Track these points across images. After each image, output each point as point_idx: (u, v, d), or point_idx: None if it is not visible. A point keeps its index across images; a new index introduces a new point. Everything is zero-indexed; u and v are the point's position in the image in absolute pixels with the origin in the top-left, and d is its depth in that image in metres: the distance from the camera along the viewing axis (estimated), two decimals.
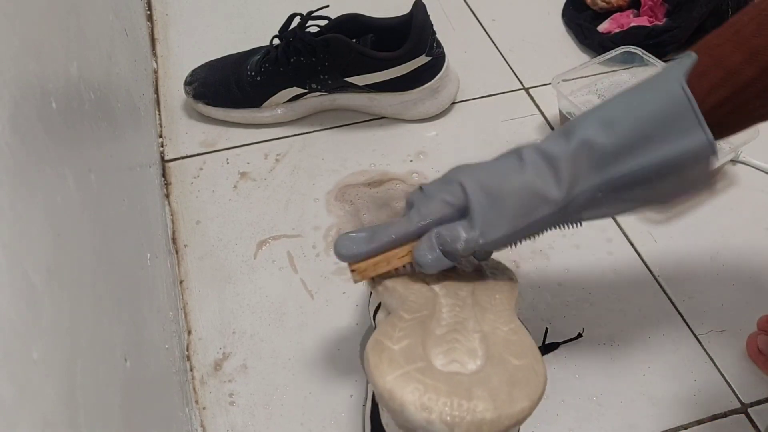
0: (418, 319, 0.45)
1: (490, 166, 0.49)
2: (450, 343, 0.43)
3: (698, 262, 0.70)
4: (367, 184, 0.77)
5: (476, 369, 0.41)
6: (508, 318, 0.47)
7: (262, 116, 0.82)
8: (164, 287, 0.62)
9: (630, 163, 0.44)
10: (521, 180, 0.46)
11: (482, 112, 0.85)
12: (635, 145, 0.44)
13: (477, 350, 0.43)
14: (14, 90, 0.35)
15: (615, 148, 0.44)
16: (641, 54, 0.83)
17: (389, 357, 0.41)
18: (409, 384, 0.39)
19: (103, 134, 0.54)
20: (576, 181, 0.45)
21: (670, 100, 0.44)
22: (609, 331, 0.64)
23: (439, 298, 0.48)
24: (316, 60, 0.77)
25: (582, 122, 0.46)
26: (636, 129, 0.44)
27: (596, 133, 0.45)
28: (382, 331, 0.44)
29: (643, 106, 0.45)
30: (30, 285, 0.31)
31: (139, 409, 0.44)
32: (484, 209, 0.46)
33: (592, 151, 0.45)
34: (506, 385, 0.40)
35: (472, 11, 1.00)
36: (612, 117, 0.45)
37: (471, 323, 0.45)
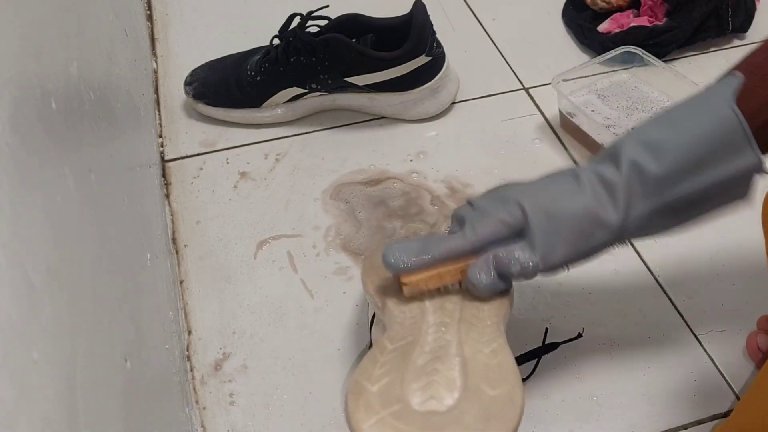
0: (401, 349, 0.46)
1: (546, 186, 0.48)
2: (429, 376, 0.44)
3: (698, 262, 0.70)
4: (364, 182, 0.77)
5: (452, 404, 0.42)
6: (492, 335, 0.47)
7: (262, 116, 0.82)
8: (164, 287, 0.62)
9: (682, 187, 0.45)
10: (582, 204, 0.45)
11: (482, 112, 0.85)
12: (687, 170, 0.44)
13: (455, 381, 0.44)
14: (14, 90, 0.35)
15: (667, 174, 0.44)
16: (641, 54, 0.83)
17: (366, 402, 0.42)
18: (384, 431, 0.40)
19: (103, 134, 0.54)
20: (631, 205, 0.45)
21: (720, 123, 0.44)
22: (609, 331, 0.64)
23: (427, 315, 0.49)
24: (316, 60, 0.77)
25: (629, 146, 0.46)
26: (687, 154, 0.44)
27: (646, 159, 0.45)
28: (362, 370, 0.45)
29: (693, 130, 0.45)
30: (30, 285, 0.31)
31: (139, 410, 0.44)
32: (545, 233, 0.46)
33: (643, 178, 0.45)
34: (480, 421, 0.41)
35: (472, 11, 1.00)
36: (660, 141, 0.45)
37: (453, 347, 0.46)
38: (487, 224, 0.47)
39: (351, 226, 0.73)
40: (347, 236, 0.72)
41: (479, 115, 0.85)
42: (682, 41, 0.89)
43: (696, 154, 0.44)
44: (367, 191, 0.76)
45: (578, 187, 0.46)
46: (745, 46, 0.93)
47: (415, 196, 0.76)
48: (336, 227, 0.72)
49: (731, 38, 0.94)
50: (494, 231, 0.47)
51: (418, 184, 0.77)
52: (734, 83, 0.45)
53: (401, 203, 0.75)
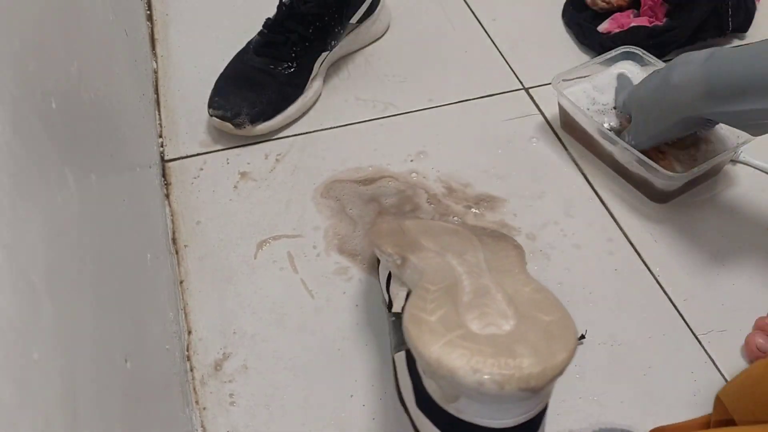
0: (444, 289, 0.46)
1: None
2: (480, 308, 0.44)
3: (698, 262, 0.70)
4: (357, 181, 0.77)
5: (511, 329, 0.43)
6: (526, 279, 0.48)
7: (310, 98, 0.84)
8: (164, 287, 0.62)
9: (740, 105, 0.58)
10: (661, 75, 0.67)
11: (482, 112, 0.85)
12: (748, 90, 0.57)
13: (507, 311, 0.44)
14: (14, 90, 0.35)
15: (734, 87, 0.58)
16: (641, 54, 0.83)
17: (429, 328, 0.42)
18: (455, 350, 0.40)
19: (103, 134, 0.54)
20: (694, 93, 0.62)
21: None
22: (609, 331, 0.64)
23: (454, 266, 0.49)
24: (329, 17, 0.81)
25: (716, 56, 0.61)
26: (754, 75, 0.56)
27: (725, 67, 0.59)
28: (414, 304, 0.45)
29: None
30: (30, 285, 0.31)
31: (140, 410, 0.44)
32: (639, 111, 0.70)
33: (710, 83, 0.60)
34: (543, 339, 0.42)
35: (472, 11, 1.00)
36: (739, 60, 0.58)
37: (493, 288, 0.47)
38: None
39: (347, 225, 0.73)
40: (344, 236, 0.72)
41: (479, 115, 0.85)
42: (682, 41, 0.89)
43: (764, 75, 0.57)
44: (360, 189, 0.76)
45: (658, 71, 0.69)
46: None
47: (411, 194, 0.76)
48: (333, 227, 0.72)
49: (731, 38, 0.94)
50: None
51: (415, 183, 0.77)
52: None
53: (394, 201, 0.75)
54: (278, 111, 0.81)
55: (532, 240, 0.71)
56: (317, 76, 0.85)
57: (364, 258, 0.70)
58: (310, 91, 0.84)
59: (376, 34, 0.94)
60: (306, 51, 0.82)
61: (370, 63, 0.92)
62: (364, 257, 0.70)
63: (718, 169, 0.77)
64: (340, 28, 0.85)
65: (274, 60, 0.81)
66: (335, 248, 0.71)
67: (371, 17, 0.91)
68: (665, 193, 0.73)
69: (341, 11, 0.83)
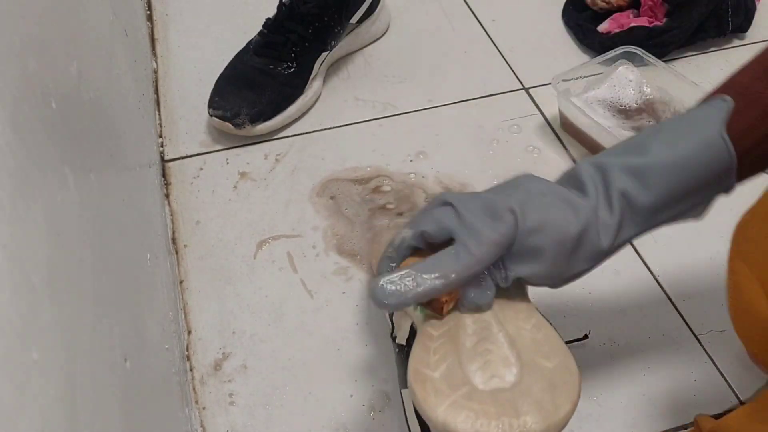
0: (447, 335, 0.46)
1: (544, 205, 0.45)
2: (483, 356, 0.44)
3: (698, 262, 0.70)
4: (354, 180, 0.77)
5: (515, 380, 0.43)
6: (528, 312, 0.47)
7: (310, 98, 0.84)
8: (164, 287, 0.62)
9: (669, 213, 0.45)
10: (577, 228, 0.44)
11: (482, 112, 0.85)
12: (675, 199, 0.44)
13: (509, 358, 0.44)
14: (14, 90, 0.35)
15: (656, 204, 0.44)
16: (641, 54, 0.83)
17: (433, 388, 0.42)
18: (461, 412, 0.41)
19: (103, 134, 0.54)
20: (621, 230, 0.45)
21: (712, 149, 0.43)
22: (609, 331, 0.64)
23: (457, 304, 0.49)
24: (328, 17, 0.81)
25: (617, 171, 0.44)
26: (676, 184, 0.44)
27: (635, 187, 0.44)
28: (418, 359, 0.44)
29: (684, 156, 0.44)
30: (30, 285, 0.31)
31: (139, 410, 0.44)
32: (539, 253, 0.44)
33: (633, 206, 0.44)
34: (548, 392, 0.42)
35: (472, 11, 1.00)
36: (650, 169, 0.44)
37: (494, 326, 0.45)
38: (486, 247, 0.43)
39: (344, 225, 0.72)
40: (343, 236, 0.72)
41: (479, 115, 0.85)
42: (682, 41, 0.89)
43: (685, 182, 0.44)
44: (355, 188, 0.76)
45: (574, 212, 0.44)
46: (745, 46, 0.93)
47: (408, 193, 0.76)
48: (332, 227, 0.72)
49: (731, 38, 0.94)
50: (492, 254, 0.43)
51: (413, 183, 0.77)
52: (724, 108, 0.44)
53: (389, 200, 0.75)
54: (278, 111, 0.81)
55: None
56: (317, 76, 0.85)
57: (363, 258, 0.70)
58: (310, 91, 0.84)
59: (376, 34, 0.94)
60: (306, 51, 0.82)
61: (369, 63, 0.92)
62: (362, 257, 0.70)
63: None
64: (339, 29, 0.85)
65: (274, 60, 0.81)
66: (334, 248, 0.71)
67: (371, 17, 0.91)
68: None
69: (341, 11, 0.83)
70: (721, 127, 0.43)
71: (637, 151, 0.45)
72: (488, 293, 0.45)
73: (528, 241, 0.43)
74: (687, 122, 0.45)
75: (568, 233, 0.43)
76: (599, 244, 0.44)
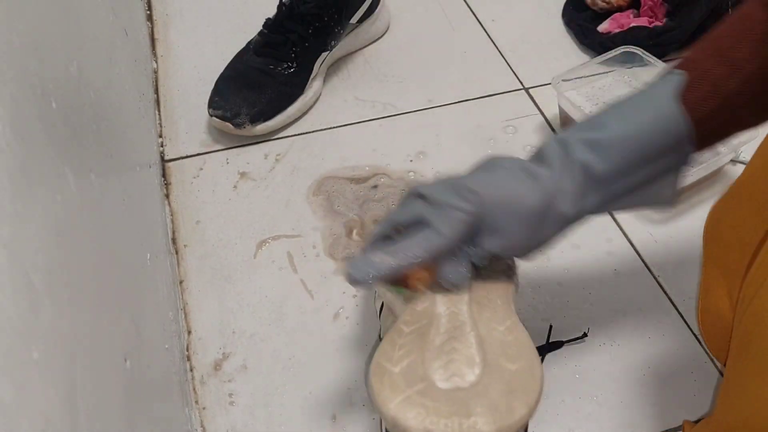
0: (417, 331, 0.46)
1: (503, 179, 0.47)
2: (449, 354, 0.44)
3: (698, 262, 0.70)
4: (351, 179, 0.77)
5: (475, 380, 0.43)
6: (505, 314, 0.48)
7: (310, 98, 0.84)
8: (164, 287, 0.62)
9: (629, 180, 0.47)
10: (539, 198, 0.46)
11: (482, 112, 0.85)
12: (633, 167, 0.47)
13: (475, 357, 0.44)
14: (14, 90, 0.35)
15: (614, 172, 0.46)
16: (641, 54, 0.83)
17: (390, 382, 0.43)
18: (412, 409, 0.41)
19: (103, 134, 0.54)
20: (584, 198, 0.47)
21: (664, 119, 0.46)
22: (609, 331, 0.64)
23: (437, 301, 0.49)
24: (328, 17, 0.81)
25: (577, 144, 0.47)
26: (632, 152, 0.46)
27: (593, 158, 0.46)
28: (383, 352, 0.45)
29: (638, 128, 0.46)
30: (30, 285, 0.31)
31: (139, 410, 0.44)
32: (505, 224, 0.46)
33: (592, 175, 0.46)
34: (504, 395, 0.42)
35: (472, 11, 1.00)
36: (608, 141, 0.47)
37: (468, 326, 0.47)
38: (452, 225, 0.45)
39: (339, 224, 0.72)
40: (339, 236, 0.72)
41: (479, 115, 0.85)
42: (682, 41, 0.89)
43: (640, 151, 0.46)
44: (350, 186, 0.76)
45: (534, 182, 0.47)
46: None
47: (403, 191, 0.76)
48: (329, 227, 0.72)
49: None
50: (460, 232, 0.46)
51: (411, 181, 0.77)
52: (675, 80, 0.46)
53: (383, 196, 0.75)
54: (278, 111, 0.81)
55: None
56: (317, 76, 0.85)
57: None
58: (310, 91, 0.84)
59: (376, 34, 0.94)
60: (306, 51, 0.82)
61: (369, 63, 0.92)
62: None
63: (719, 170, 0.77)
64: (339, 28, 0.85)
65: (274, 60, 0.81)
66: (332, 248, 0.71)
67: (371, 17, 0.91)
68: None
69: (341, 11, 0.83)
70: (674, 98, 0.46)
71: (596, 126, 0.48)
72: (461, 270, 0.47)
73: (492, 216, 0.46)
74: (642, 95, 0.48)
75: (529, 204, 0.46)
76: (563, 212, 0.47)
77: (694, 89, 0.46)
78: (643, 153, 0.46)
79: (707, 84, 0.46)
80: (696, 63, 0.47)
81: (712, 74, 0.46)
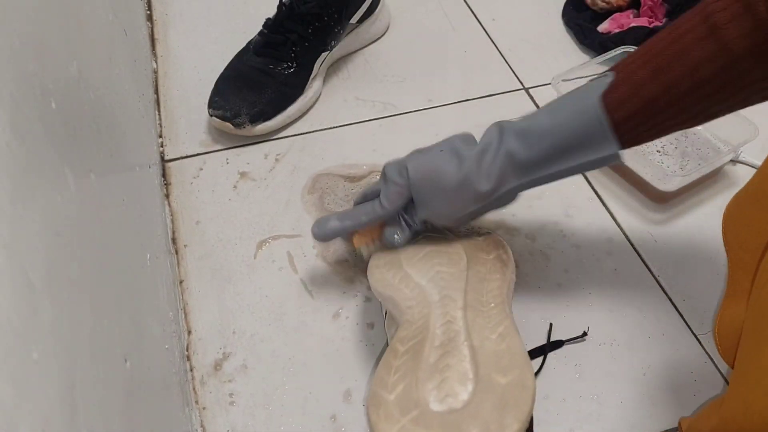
0: (412, 350, 0.48)
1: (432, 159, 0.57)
2: (442, 372, 0.46)
3: (698, 262, 0.70)
4: (346, 177, 0.77)
5: (468, 398, 0.44)
6: (498, 318, 0.49)
7: (310, 98, 0.84)
8: (164, 287, 0.62)
9: (549, 169, 0.53)
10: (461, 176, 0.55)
11: (482, 112, 0.85)
12: (553, 157, 0.52)
13: (468, 373, 0.45)
14: (14, 90, 0.35)
15: (535, 160, 0.52)
16: None
17: (386, 412, 0.44)
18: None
19: (103, 134, 0.54)
20: (504, 179, 0.54)
21: (585, 116, 0.50)
22: (609, 331, 0.64)
23: (434, 308, 0.50)
24: (328, 17, 0.81)
25: (507, 134, 0.54)
26: (553, 143, 0.51)
27: (519, 147, 0.53)
28: (379, 379, 0.47)
29: (561, 121, 0.51)
30: (30, 285, 0.31)
31: (139, 410, 0.44)
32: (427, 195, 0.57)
33: (514, 161, 0.53)
34: (497, 411, 0.43)
35: (472, 11, 1.00)
36: (534, 132, 0.52)
37: (462, 336, 0.48)
38: (389, 197, 0.58)
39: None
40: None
41: (479, 115, 0.85)
42: None
43: (562, 142, 0.51)
44: (343, 184, 0.76)
45: (459, 162, 0.55)
46: None
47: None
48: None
49: None
50: (395, 202, 0.58)
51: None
52: (605, 81, 0.50)
53: None
54: (278, 111, 0.81)
55: (531, 240, 0.71)
56: (317, 76, 0.85)
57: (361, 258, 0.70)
58: (310, 91, 0.84)
59: (376, 34, 0.94)
60: (306, 51, 0.82)
61: (369, 63, 0.92)
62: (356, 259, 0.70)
63: (718, 170, 0.77)
64: (339, 28, 0.84)
65: (274, 60, 0.81)
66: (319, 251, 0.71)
67: (371, 17, 0.91)
68: (665, 193, 0.73)
69: (341, 11, 0.83)
70: (597, 94, 0.50)
71: (529, 118, 0.54)
72: (401, 234, 0.60)
73: (420, 190, 0.57)
74: (573, 93, 0.53)
75: (447, 180, 0.55)
76: (478, 189, 0.54)
77: (617, 90, 0.49)
78: (562, 144, 0.51)
79: (628, 87, 0.48)
80: (624, 66, 0.50)
81: (634, 77, 0.48)
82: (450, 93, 0.88)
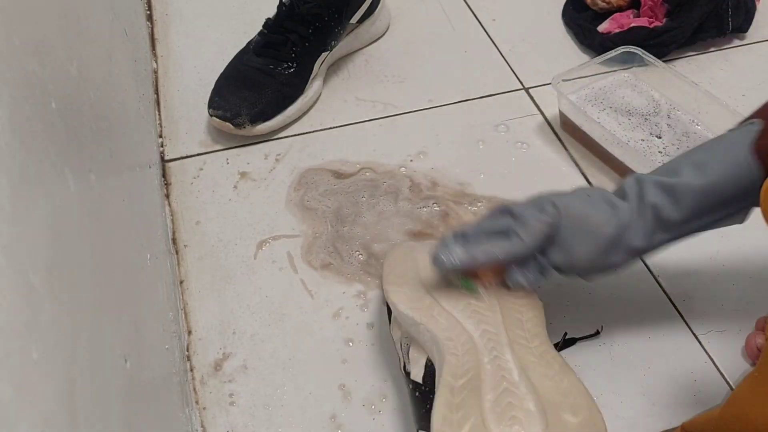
0: (469, 387, 0.46)
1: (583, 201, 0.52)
2: (508, 412, 0.44)
3: (698, 262, 0.70)
4: (335, 173, 0.77)
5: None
6: (550, 354, 0.48)
7: (310, 99, 0.84)
8: (164, 287, 0.62)
9: (698, 223, 0.51)
10: (615, 225, 0.51)
11: (482, 112, 0.85)
12: (703, 212, 0.50)
13: (534, 414, 0.44)
14: (14, 90, 0.35)
15: (685, 218, 0.50)
16: (641, 54, 0.83)
17: None
18: None
19: (103, 134, 0.54)
20: (653, 235, 0.51)
21: (737, 169, 0.48)
22: (609, 332, 0.64)
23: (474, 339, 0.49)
24: (329, 17, 0.81)
25: (651, 185, 0.51)
26: (703, 200, 0.49)
27: (665, 203, 0.50)
28: (442, 418, 0.45)
29: (714, 180, 0.49)
30: (30, 285, 0.31)
31: (139, 410, 0.44)
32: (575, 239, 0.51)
33: (661, 217, 0.50)
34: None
35: (472, 11, 1.00)
36: (684, 191, 0.50)
37: (516, 374, 0.47)
38: (531, 233, 0.51)
39: (320, 223, 0.73)
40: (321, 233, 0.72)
41: (479, 115, 0.85)
42: (682, 41, 0.89)
43: (711, 199, 0.49)
44: (330, 180, 0.77)
45: (612, 210, 0.51)
46: (745, 46, 0.93)
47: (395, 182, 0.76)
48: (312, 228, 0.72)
49: (731, 38, 0.94)
50: (537, 239, 0.51)
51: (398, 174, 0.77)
52: (753, 130, 0.48)
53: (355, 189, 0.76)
54: (278, 111, 0.81)
55: None
56: (317, 76, 0.85)
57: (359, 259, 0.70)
58: (310, 91, 0.84)
59: (376, 34, 0.94)
60: (306, 51, 0.82)
61: (369, 63, 0.92)
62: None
63: None
64: (340, 29, 0.84)
65: (274, 60, 0.81)
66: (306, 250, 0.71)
67: (371, 17, 0.91)
68: None
69: (341, 11, 0.83)
70: (748, 148, 0.47)
71: (671, 172, 0.51)
72: (530, 276, 0.52)
73: (566, 231, 0.51)
74: (716, 145, 0.51)
75: (604, 228, 0.51)
76: (633, 244, 0.51)
77: (766, 137, 0.47)
78: (714, 201, 0.49)
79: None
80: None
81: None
82: (450, 93, 0.88)
